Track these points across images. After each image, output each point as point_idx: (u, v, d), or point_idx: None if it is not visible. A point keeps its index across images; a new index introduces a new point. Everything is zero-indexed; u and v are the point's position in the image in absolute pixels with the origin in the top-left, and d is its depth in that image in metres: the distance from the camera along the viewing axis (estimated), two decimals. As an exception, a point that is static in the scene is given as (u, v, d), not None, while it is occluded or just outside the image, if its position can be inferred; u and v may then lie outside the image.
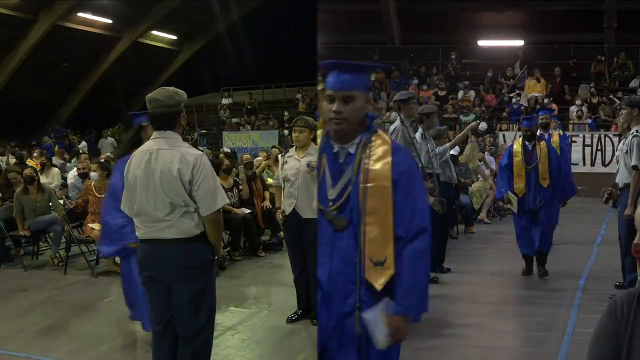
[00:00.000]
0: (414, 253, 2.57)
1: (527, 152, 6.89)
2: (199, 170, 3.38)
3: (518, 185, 6.84)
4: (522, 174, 6.83)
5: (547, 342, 4.90)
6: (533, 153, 6.85)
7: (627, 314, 1.75)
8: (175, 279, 3.46)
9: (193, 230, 3.42)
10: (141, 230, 3.50)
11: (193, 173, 3.37)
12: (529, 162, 6.84)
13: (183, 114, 3.57)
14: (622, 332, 1.74)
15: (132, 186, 3.49)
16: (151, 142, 3.51)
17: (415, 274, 2.56)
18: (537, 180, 6.82)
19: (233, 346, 5.04)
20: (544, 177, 6.82)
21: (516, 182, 6.85)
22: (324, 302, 2.68)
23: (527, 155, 6.88)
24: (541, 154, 6.81)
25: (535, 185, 6.82)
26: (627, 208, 5.72)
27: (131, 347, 5.16)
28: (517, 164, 6.87)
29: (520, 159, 6.84)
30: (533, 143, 6.90)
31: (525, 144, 6.93)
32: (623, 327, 1.74)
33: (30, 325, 5.72)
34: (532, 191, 6.81)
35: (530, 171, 6.82)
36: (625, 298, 1.79)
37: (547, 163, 6.83)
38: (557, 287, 6.45)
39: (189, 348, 3.53)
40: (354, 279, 2.58)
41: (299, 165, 5.41)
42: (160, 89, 3.58)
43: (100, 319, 5.85)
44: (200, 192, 3.38)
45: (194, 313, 3.49)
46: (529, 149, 6.90)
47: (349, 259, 2.59)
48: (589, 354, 1.80)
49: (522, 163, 6.83)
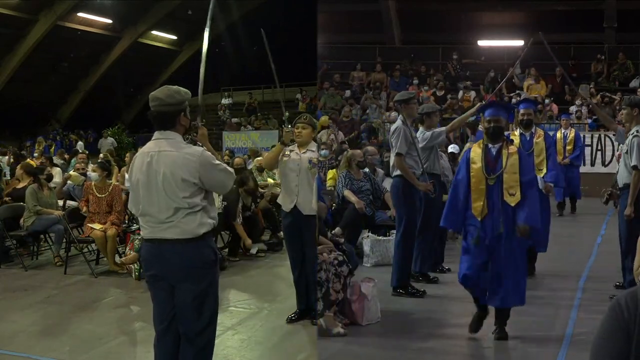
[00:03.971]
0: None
1: (490, 157, 4.92)
2: (205, 168, 3.42)
3: (477, 203, 4.88)
4: (482, 187, 4.87)
5: (547, 341, 4.90)
6: (498, 159, 4.89)
7: (633, 313, 1.75)
8: (179, 278, 3.46)
9: (196, 230, 3.42)
10: (145, 230, 3.51)
11: (200, 172, 3.40)
12: (491, 172, 4.88)
13: (184, 113, 3.53)
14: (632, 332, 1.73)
15: (135, 188, 3.50)
16: (152, 143, 3.50)
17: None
18: (501, 197, 4.82)
19: (233, 346, 5.04)
20: (510, 192, 4.82)
21: (473, 198, 4.89)
22: None
23: (489, 161, 4.91)
24: (507, 162, 4.84)
25: (499, 203, 4.82)
26: (627, 208, 5.72)
27: (131, 347, 5.16)
28: (475, 173, 4.91)
29: (480, 166, 4.89)
30: (499, 145, 4.92)
31: (488, 146, 4.95)
32: (632, 326, 1.74)
33: (30, 325, 5.72)
34: (494, 212, 4.81)
35: (493, 183, 4.84)
36: (629, 297, 1.78)
37: (518, 174, 4.84)
38: (557, 287, 6.44)
39: (191, 348, 3.53)
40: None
41: (300, 160, 5.40)
42: (163, 87, 3.57)
43: (100, 318, 5.85)
44: (212, 183, 3.49)
45: (197, 313, 3.49)
46: (492, 153, 4.92)
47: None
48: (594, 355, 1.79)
49: (482, 172, 4.88)
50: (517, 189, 4.80)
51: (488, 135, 4.95)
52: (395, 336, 5.08)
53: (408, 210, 6.00)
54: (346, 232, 7.39)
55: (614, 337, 1.76)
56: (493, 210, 4.81)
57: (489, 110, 4.97)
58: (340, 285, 5.23)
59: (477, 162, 4.90)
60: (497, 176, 4.82)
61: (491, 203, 4.82)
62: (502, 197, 4.79)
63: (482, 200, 4.83)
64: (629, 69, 17.52)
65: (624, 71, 17.55)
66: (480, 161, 4.88)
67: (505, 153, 4.87)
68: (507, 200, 4.78)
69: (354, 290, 5.32)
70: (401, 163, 6.02)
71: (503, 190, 4.80)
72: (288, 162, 5.43)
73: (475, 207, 4.86)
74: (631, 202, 5.70)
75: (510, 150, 4.89)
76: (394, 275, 6.12)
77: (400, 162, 6.03)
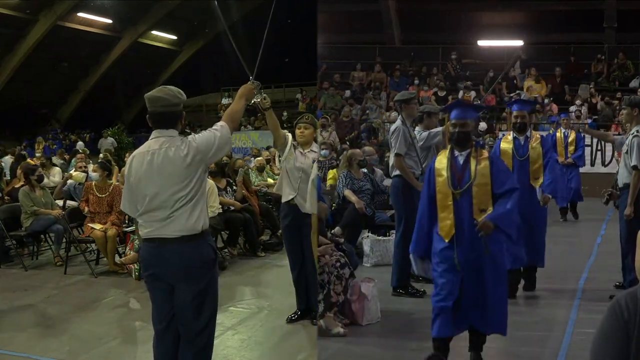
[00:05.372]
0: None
1: (456, 167, 4.24)
2: (195, 140, 3.44)
3: (444, 222, 4.18)
4: (449, 203, 4.19)
5: (547, 342, 4.90)
6: (466, 169, 4.21)
7: (633, 313, 1.75)
8: (178, 278, 3.47)
9: (196, 226, 3.44)
10: (145, 229, 3.51)
11: (190, 153, 3.40)
12: (457, 184, 4.18)
13: (184, 113, 3.60)
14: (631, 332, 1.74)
15: (134, 187, 3.49)
16: (152, 141, 3.51)
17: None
18: (471, 213, 4.13)
19: (233, 346, 5.04)
20: (481, 207, 4.13)
21: (440, 217, 4.21)
22: None
23: (455, 172, 4.22)
24: (477, 172, 4.15)
25: (469, 221, 4.12)
26: (627, 208, 5.72)
27: (131, 347, 5.16)
28: (440, 187, 4.22)
29: (445, 178, 4.21)
30: (467, 153, 4.23)
31: (454, 154, 4.27)
32: (631, 327, 1.74)
33: (30, 325, 5.73)
34: (465, 232, 4.12)
35: (460, 198, 4.15)
36: (628, 298, 1.78)
37: (490, 185, 4.14)
38: (557, 287, 6.44)
39: (191, 348, 3.53)
40: None
41: (304, 160, 5.40)
42: (162, 87, 3.59)
43: (100, 318, 5.85)
44: (201, 142, 3.45)
45: (196, 312, 3.49)
46: (459, 162, 4.23)
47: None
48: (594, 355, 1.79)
49: (448, 185, 4.19)
50: (489, 204, 4.09)
51: (453, 141, 4.27)
52: (395, 336, 5.08)
53: (408, 210, 5.99)
54: (346, 232, 7.39)
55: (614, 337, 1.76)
56: (462, 230, 4.10)
57: (454, 112, 4.28)
58: (342, 288, 5.23)
59: (442, 173, 4.22)
60: (465, 189, 4.13)
61: (459, 221, 4.11)
62: (472, 213, 4.09)
63: (449, 218, 4.14)
64: (629, 69, 17.52)
65: (624, 71, 17.54)
66: (446, 172, 4.21)
67: (474, 161, 4.17)
68: (478, 219, 4.07)
69: (354, 290, 5.32)
70: (400, 163, 6.03)
71: (473, 206, 4.10)
72: (291, 158, 5.42)
73: (442, 227, 4.16)
74: (631, 202, 5.70)
75: (480, 157, 4.19)
76: (394, 275, 6.12)
77: (399, 163, 6.03)
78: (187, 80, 24.41)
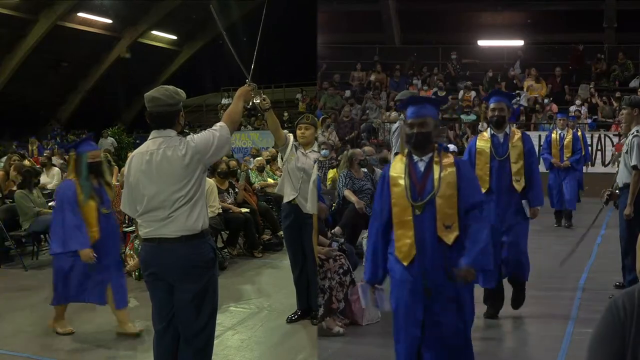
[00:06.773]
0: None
1: (416, 175, 3.54)
2: (194, 140, 3.45)
3: (402, 241, 3.50)
4: (407, 218, 3.49)
5: (547, 342, 4.90)
6: (428, 177, 3.51)
7: (630, 313, 1.75)
8: (178, 277, 3.47)
9: (195, 226, 3.44)
10: (145, 229, 3.51)
11: (189, 153, 3.41)
12: (417, 196, 3.49)
13: (182, 113, 3.59)
14: (627, 332, 1.74)
15: (133, 187, 3.49)
16: (150, 142, 3.52)
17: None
18: (434, 230, 3.45)
19: (233, 346, 5.04)
20: (446, 223, 3.44)
21: (397, 235, 3.53)
22: None
23: (415, 182, 3.53)
24: (440, 181, 3.47)
25: (431, 240, 3.45)
26: (627, 208, 5.72)
27: (131, 347, 5.16)
28: (397, 199, 3.53)
29: (403, 189, 3.52)
30: (429, 157, 3.56)
31: (413, 159, 3.59)
32: (628, 326, 1.74)
33: (30, 325, 5.73)
34: (427, 252, 3.45)
35: (421, 212, 3.47)
36: (626, 298, 1.78)
37: (456, 195, 3.46)
38: (557, 287, 6.44)
39: (190, 347, 3.54)
40: None
41: (305, 160, 5.40)
42: (160, 87, 3.59)
43: (100, 319, 5.84)
44: (211, 151, 3.47)
45: (196, 312, 3.49)
46: (419, 169, 3.55)
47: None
48: (591, 355, 1.80)
49: (407, 197, 3.50)
50: (454, 219, 3.42)
51: (411, 145, 3.56)
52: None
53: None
54: (346, 232, 7.39)
55: (610, 337, 1.77)
56: (424, 250, 3.43)
57: (410, 110, 3.58)
58: (343, 295, 5.24)
59: (399, 183, 3.52)
60: (427, 201, 3.44)
61: (420, 240, 3.43)
62: (436, 230, 3.44)
63: (409, 236, 3.46)
64: (629, 69, 17.51)
65: (624, 71, 17.54)
66: (404, 181, 3.51)
67: (437, 168, 3.48)
68: (442, 236, 3.42)
69: (354, 290, 5.32)
70: (401, 163, 5.99)
71: (437, 221, 3.43)
72: (293, 159, 5.43)
73: (399, 247, 3.48)
74: (631, 202, 5.70)
75: (444, 163, 3.50)
76: (394, 275, 6.08)
77: (399, 162, 6.00)
78: (187, 80, 24.40)
